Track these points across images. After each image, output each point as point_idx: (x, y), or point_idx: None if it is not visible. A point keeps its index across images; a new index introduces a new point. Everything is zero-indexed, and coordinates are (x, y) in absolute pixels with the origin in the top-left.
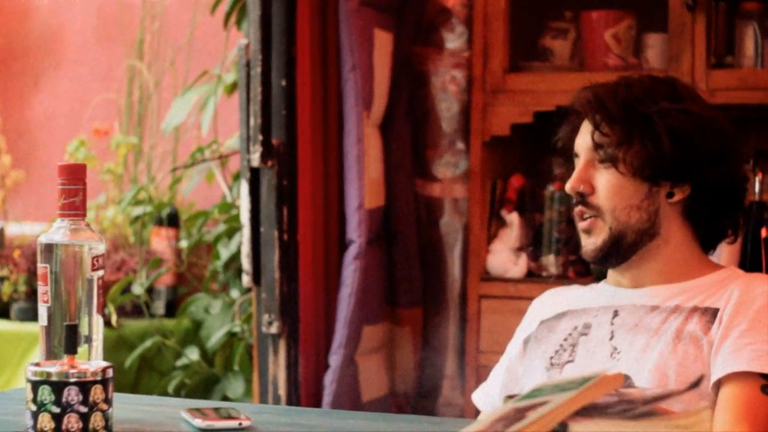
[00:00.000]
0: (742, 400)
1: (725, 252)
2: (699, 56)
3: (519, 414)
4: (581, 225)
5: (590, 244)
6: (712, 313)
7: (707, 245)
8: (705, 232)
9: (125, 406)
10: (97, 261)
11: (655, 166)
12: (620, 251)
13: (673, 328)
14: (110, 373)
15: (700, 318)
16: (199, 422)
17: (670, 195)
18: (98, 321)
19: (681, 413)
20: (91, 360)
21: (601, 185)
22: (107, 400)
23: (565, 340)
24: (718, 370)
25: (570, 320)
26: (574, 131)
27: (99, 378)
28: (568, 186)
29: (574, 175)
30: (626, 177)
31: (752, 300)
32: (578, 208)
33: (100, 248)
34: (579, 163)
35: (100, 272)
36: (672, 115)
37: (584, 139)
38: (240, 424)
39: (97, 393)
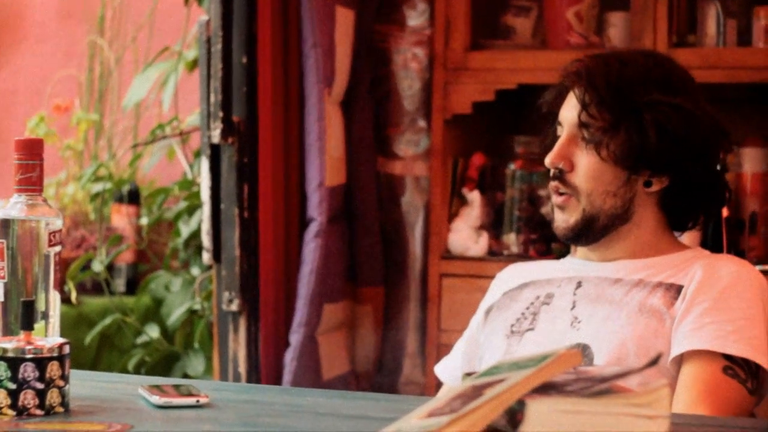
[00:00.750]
0: (702, 380)
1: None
2: (661, 35)
3: (477, 391)
4: (556, 200)
5: (563, 221)
6: (676, 290)
7: (677, 228)
8: (678, 220)
9: (83, 382)
10: (54, 237)
11: (637, 156)
12: (591, 233)
13: (635, 300)
14: (67, 349)
15: (664, 293)
16: (156, 399)
17: (647, 184)
18: (55, 297)
19: (639, 391)
20: (48, 336)
21: (580, 165)
22: (64, 377)
23: (527, 308)
24: (679, 346)
25: (533, 290)
26: (561, 98)
27: (55, 354)
28: (548, 160)
29: (555, 149)
30: (607, 163)
31: (716, 280)
32: (554, 183)
33: (57, 224)
34: (561, 137)
35: (57, 248)
36: (661, 109)
37: (570, 114)
38: (198, 401)
39: (53, 369)
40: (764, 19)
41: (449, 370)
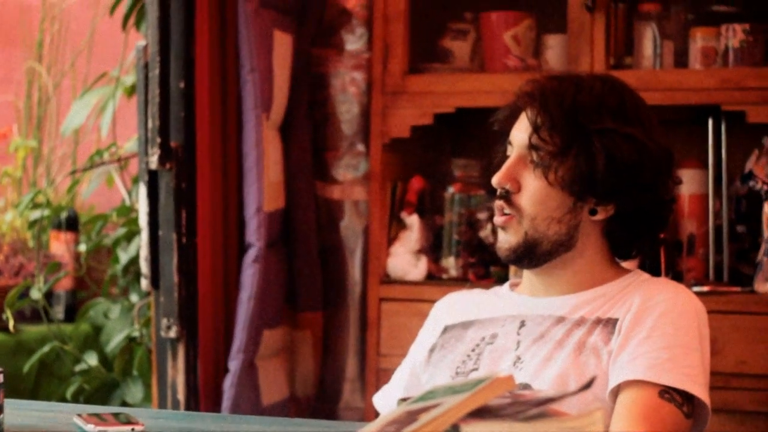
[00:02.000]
0: (640, 404)
1: None
2: (598, 57)
3: (411, 417)
4: (497, 219)
5: (505, 242)
6: (613, 324)
7: (620, 257)
8: (621, 249)
9: (19, 412)
10: None
11: (584, 183)
12: (534, 257)
13: (575, 339)
14: (0, 378)
15: (602, 330)
16: (91, 427)
17: (593, 212)
18: None
19: (573, 414)
20: None
21: (527, 188)
22: None
23: (473, 350)
24: (616, 377)
25: (478, 330)
26: (513, 117)
27: None
28: (495, 180)
29: (503, 169)
30: (554, 188)
31: (651, 308)
32: (499, 203)
33: None
34: (510, 157)
35: None
36: (613, 139)
37: (521, 135)
38: (132, 429)
39: None
40: (700, 40)
41: (388, 401)
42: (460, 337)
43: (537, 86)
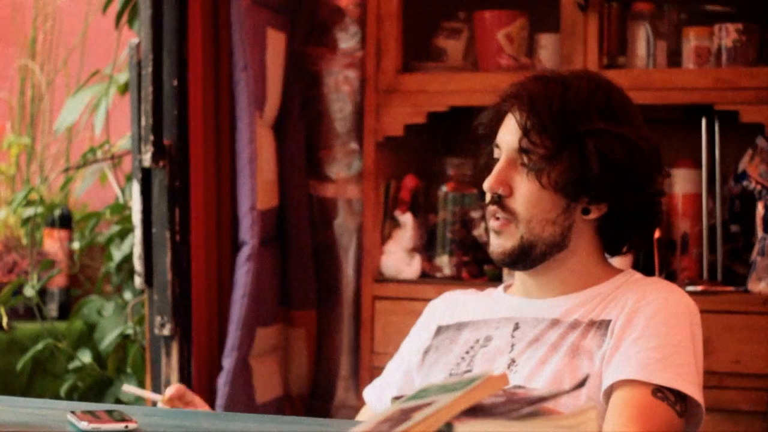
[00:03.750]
0: (633, 403)
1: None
2: (591, 56)
3: (405, 415)
4: (493, 224)
5: (498, 246)
6: (606, 326)
7: (612, 253)
8: (613, 246)
9: (11, 409)
10: None
11: (578, 185)
12: (528, 260)
13: (569, 342)
14: None
15: (595, 332)
16: (84, 425)
17: (585, 211)
18: None
19: (566, 413)
20: None
21: (520, 192)
22: None
23: (467, 352)
24: (609, 377)
25: (471, 332)
26: (498, 120)
27: None
28: (487, 185)
29: (494, 174)
30: (547, 190)
31: (643, 308)
32: (493, 207)
33: None
34: (500, 161)
35: None
36: (604, 139)
37: (510, 138)
38: (126, 426)
39: None
40: (694, 40)
41: (378, 399)
42: (454, 339)
43: (523, 88)
